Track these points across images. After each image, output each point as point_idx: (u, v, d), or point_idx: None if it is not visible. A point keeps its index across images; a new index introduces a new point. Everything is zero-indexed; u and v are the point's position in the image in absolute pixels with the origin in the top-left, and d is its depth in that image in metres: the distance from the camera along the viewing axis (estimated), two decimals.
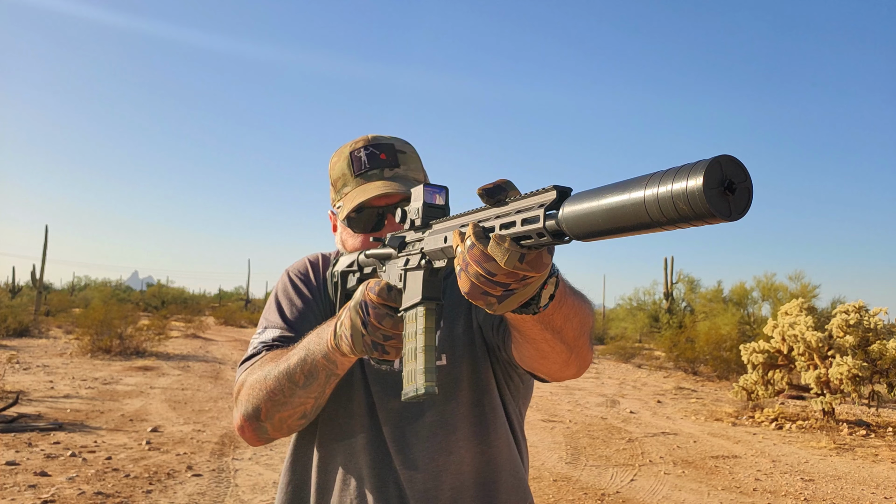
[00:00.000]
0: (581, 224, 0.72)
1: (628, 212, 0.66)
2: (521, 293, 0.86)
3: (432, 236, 1.05)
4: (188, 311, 32.02)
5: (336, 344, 1.14)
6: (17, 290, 29.94)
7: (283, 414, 1.24)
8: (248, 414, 1.26)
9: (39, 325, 20.71)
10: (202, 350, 17.40)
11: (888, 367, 8.42)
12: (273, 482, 5.47)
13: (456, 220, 1.00)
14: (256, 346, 1.37)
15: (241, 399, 1.28)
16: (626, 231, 0.68)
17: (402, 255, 1.14)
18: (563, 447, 7.17)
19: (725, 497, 5.53)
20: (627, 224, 0.67)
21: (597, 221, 0.70)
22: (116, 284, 53.08)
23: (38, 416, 7.48)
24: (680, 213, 0.61)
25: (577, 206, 0.73)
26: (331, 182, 1.42)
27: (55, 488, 4.96)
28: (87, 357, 14.04)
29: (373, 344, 1.09)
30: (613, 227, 0.69)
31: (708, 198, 0.59)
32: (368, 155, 1.36)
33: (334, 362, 1.17)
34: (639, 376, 14.99)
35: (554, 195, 0.78)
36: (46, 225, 24.61)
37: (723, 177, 0.60)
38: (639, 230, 0.67)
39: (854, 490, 5.82)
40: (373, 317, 1.08)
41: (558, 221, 0.75)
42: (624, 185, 0.68)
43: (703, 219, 0.60)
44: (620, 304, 26.59)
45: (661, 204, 0.62)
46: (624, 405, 10.39)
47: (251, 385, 1.26)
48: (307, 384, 1.20)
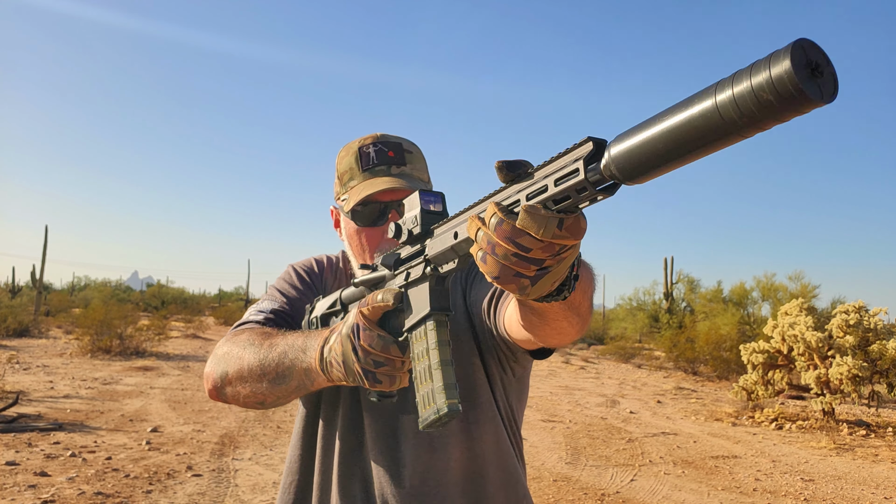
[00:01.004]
0: (636, 158, 0.65)
1: (698, 125, 0.59)
2: (555, 270, 0.78)
3: (438, 237, 0.97)
4: (188, 311, 32.04)
5: (323, 368, 1.10)
6: (17, 290, 29.94)
7: (242, 390, 1.25)
8: (217, 373, 1.29)
9: (39, 325, 20.70)
10: (202, 350, 17.40)
11: (888, 367, 8.42)
12: (273, 482, 5.46)
13: (467, 212, 0.91)
14: (253, 312, 1.39)
15: (217, 355, 1.31)
16: (695, 150, 0.61)
17: (400, 271, 1.06)
18: (563, 447, 7.17)
19: (725, 497, 5.53)
20: (697, 140, 0.60)
21: (657, 148, 0.63)
22: (116, 284, 53.04)
23: (38, 416, 7.48)
24: (765, 105, 0.55)
25: (630, 140, 0.65)
26: (337, 175, 1.43)
27: (55, 488, 4.96)
28: (86, 357, 14.04)
29: (364, 372, 1.03)
30: (679, 148, 0.61)
31: (800, 79, 0.52)
32: (377, 151, 1.37)
33: (312, 380, 1.15)
34: (639, 376, 14.99)
35: (590, 146, 0.70)
36: (46, 225, 24.63)
37: (808, 59, 0.54)
38: (710, 146, 0.60)
39: (854, 490, 5.82)
40: (363, 340, 1.02)
41: (605, 167, 0.68)
42: (686, 101, 0.61)
43: (794, 107, 0.54)
44: (620, 304, 26.59)
45: (740, 102, 0.56)
46: (624, 405, 10.39)
47: (229, 349, 1.28)
48: (275, 382, 1.20)
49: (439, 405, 0.93)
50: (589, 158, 0.70)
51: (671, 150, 0.62)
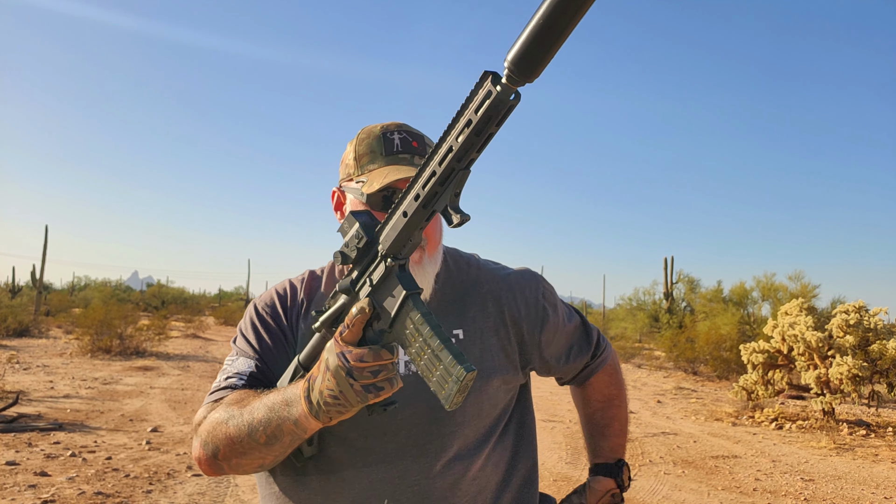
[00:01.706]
0: (531, 46, 0.78)
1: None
2: None
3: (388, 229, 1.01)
4: (188, 311, 32.04)
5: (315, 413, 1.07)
6: (17, 290, 29.94)
7: (240, 461, 1.22)
8: (207, 451, 1.25)
9: (39, 325, 20.71)
10: (202, 350, 17.40)
11: (888, 367, 8.42)
12: None
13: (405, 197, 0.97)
14: (229, 374, 1.34)
15: (201, 433, 1.27)
16: (567, 16, 0.76)
17: (361, 283, 1.07)
18: (563, 447, 7.17)
19: (725, 497, 5.53)
20: (566, 8, 0.75)
21: (540, 33, 0.77)
22: (116, 284, 53.00)
23: (38, 416, 7.48)
24: None
25: (519, 41, 0.79)
26: (355, 156, 1.38)
27: (55, 488, 4.96)
28: (87, 357, 14.04)
29: (365, 389, 1.01)
30: (556, 20, 0.76)
31: None
32: (402, 139, 1.36)
33: (304, 429, 1.12)
34: (639, 376, 14.99)
35: (489, 75, 0.83)
36: (46, 225, 24.65)
37: None
38: (576, 9, 0.76)
39: (854, 490, 5.82)
40: (352, 360, 1.01)
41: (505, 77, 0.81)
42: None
43: None
44: (620, 304, 26.60)
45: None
46: None
47: (213, 424, 1.24)
48: (268, 444, 1.17)
49: (456, 375, 0.94)
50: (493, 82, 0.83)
51: (550, 30, 0.77)
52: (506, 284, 1.45)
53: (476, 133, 0.85)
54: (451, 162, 0.88)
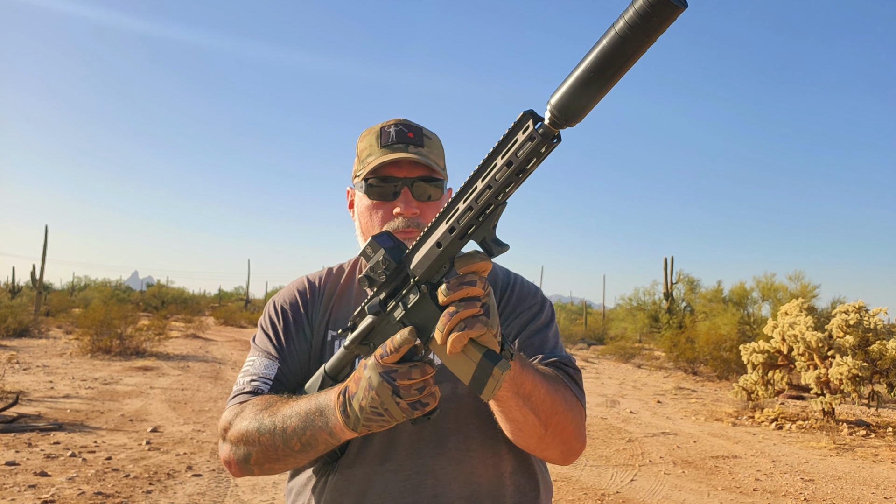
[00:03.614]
0: (574, 97, 0.81)
1: (611, 50, 0.78)
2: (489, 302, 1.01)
3: (421, 258, 1.01)
4: (188, 312, 32.03)
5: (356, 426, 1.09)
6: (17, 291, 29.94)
7: (273, 465, 1.25)
8: (238, 456, 1.26)
9: (39, 325, 20.71)
10: (202, 350, 17.40)
11: (888, 367, 8.42)
12: (273, 482, 5.46)
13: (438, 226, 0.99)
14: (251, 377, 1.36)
15: (230, 439, 1.28)
16: (615, 71, 0.79)
17: (392, 304, 1.09)
18: None
19: (725, 497, 5.53)
20: (613, 61, 0.78)
21: (586, 84, 0.80)
22: (116, 284, 53.01)
23: (38, 416, 7.48)
24: (648, 21, 0.74)
25: (563, 88, 0.82)
26: (357, 153, 1.47)
27: (55, 488, 4.96)
28: (86, 357, 14.04)
29: (411, 405, 1.04)
30: (603, 74, 0.79)
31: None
32: (397, 131, 1.42)
33: (339, 439, 1.15)
34: (639, 376, 14.99)
35: (530, 117, 0.86)
36: (46, 225, 24.63)
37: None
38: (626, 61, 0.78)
39: (854, 490, 5.82)
40: (399, 379, 1.03)
41: (548, 121, 0.84)
42: (594, 45, 0.80)
43: (668, 13, 0.74)
44: (620, 304, 26.59)
45: (630, 24, 0.75)
46: (624, 405, 10.39)
47: (242, 432, 1.25)
48: (303, 451, 1.19)
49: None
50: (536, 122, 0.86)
51: (597, 79, 0.80)
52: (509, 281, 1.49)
53: (517, 173, 0.88)
54: (490, 198, 0.91)
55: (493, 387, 1.00)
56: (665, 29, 0.76)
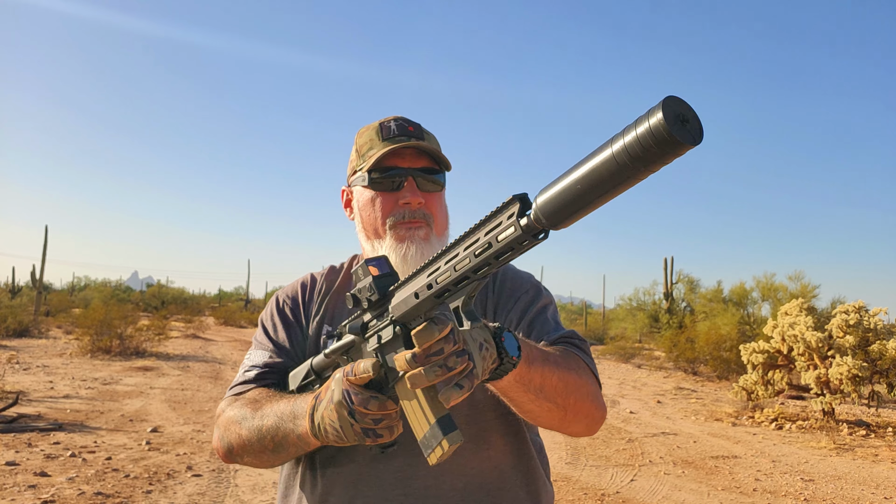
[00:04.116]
0: (558, 205, 0.76)
1: (602, 171, 0.71)
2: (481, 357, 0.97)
3: (399, 300, 1.02)
4: (188, 312, 32.04)
5: (315, 433, 1.13)
6: (17, 291, 29.94)
7: (252, 459, 1.31)
8: (224, 444, 1.33)
9: (39, 325, 20.70)
10: (202, 350, 17.40)
11: (888, 367, 8.42)
12: (273, 482, 5.47)
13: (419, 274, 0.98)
14: (247, 367, 1.41)
15: (219, 426, 1.35)
16: (603, 194, 0.73)
17: (370, 334, 1.11)
18: (563, 447, 7.17)
19: (725, 497, 5.53)
20: (603, 184, 0.72)
21: (573, 197, 0.74)
22: (116, 284, 53.02)
23: (38, 417, 7.48)
24: (649, 153, 0.67)
25: (550, 191, 0.77)
26: (355, 149, 1.46)
27: (55, 488, 4.96)
28: (86, 357, 14.04)
29: (364, 431, 1.06)
30: (590, 194, 0.73)
31: (673, 130, 0.65)
32: (398, 125, 1.42)
33: (307, 443, 1.19)
34: (639, 376, 14.99)
35: (517, 204, 0.81)
36: (46, 225, 24.62)
37: (677, 111, 0.67)
38: (616, 187, 0.72)
39: (854, 490, 5.82)
40: (357, 403, 1.05)
41: (533, 219, 0.78)
42: (589, 155, 0.73)
43: (670, 149, 0.66)
44: (620, 304, 26.58)
45: (630, 151, 0.68)
46: (624, 405, 10.39)
47: (228, 422, 1.32)
48: (276, 451, 1.25)
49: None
50: (520, 213, 0.81)
51: (584, 194, 0.74)
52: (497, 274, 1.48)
53: (495, 257, 0.85)
54: (467, 271, 0.89)
55: (440, 455, 1.00)
56: (669, 162, 0.69)
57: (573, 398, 1.19)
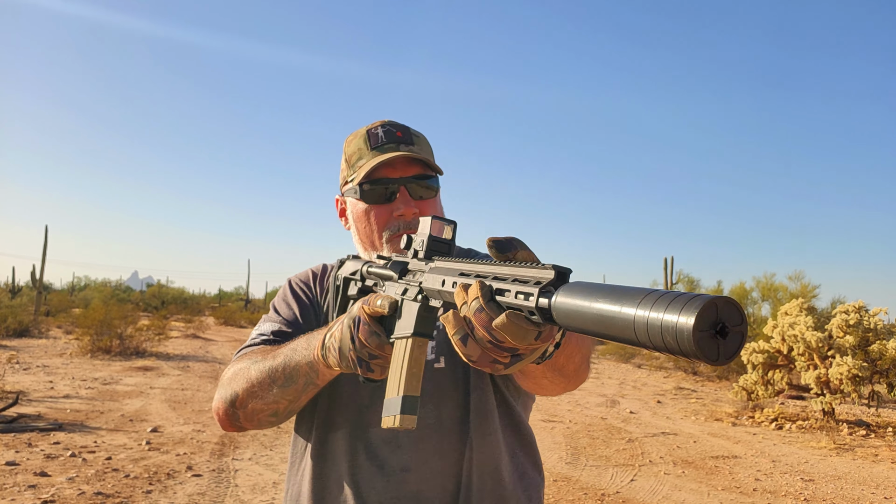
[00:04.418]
0: (570, 318, 0.70)
1: (617, 324, 0.64)
2: (528, 358, 0.83)
3: (432, 274, 1.02)
4: (188, 312, 32.05)
5: (323, 355, 1.14)
6: (17, 291, 29.95)
7: (255, 405, 1.27)
8: (226, 398, 1.30)
9: (39, 325, 20.71)
10: (202, 350, 17.40)
11: (888, 367, 8.42)
12: (273, 482, 5.47)
13: (456, 264, 0.97)
14: (254, 336, 1.42)
15: (223, 383, 1.33)
16: (612, 339, 0.67)
17: (402, 282, 1.12)
18: (563, 447, 7.17)
19: (725, 497, 5.53)
20: (613, 334, 0.65)
21: (585, 321, 0.68)
22: (116, 284, 53.06)
23: (38, 417, 7.48)
24: (666, 344, 0.59)
25: (570, 299, 0.70)
26: (344, 159, 1.43)
27: (55, 488, 4.96)
28: (86, 357, 14.05)
29: (357, 360, 1.07)
30: (599, 332, 0.67)
31: (696, 340, 0.56)
32: (385, 132, 1.39)
33: (316, 371, 1.18)
34: (639, 376, 14.99)
35: (552, 275, 0.75)
36: (46, 225, 24.62)
37: (716, 319, 0.57)
38: (625, 342, 0.65)
39: (854, 490, 5.82)
40: (361, 333, 1.07)
41: (550, 307, 0.73)
42: (619, 294, 0.65)
43: (687, 356, 0.58)
44: None
45: (650, 329, 0.60)
46: (624, 405, 10.39)
47: (235, 372, 1.30)
48: (285, 385, 1.22)
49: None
50: (547, 285, 0.74)
51: (596, 329, 0.67)
52: None
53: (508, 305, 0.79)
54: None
55: (390, 425, 1.02)
56: (689, 359, 0.61)
57: (581, 369, 1.18)
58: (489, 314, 0.78)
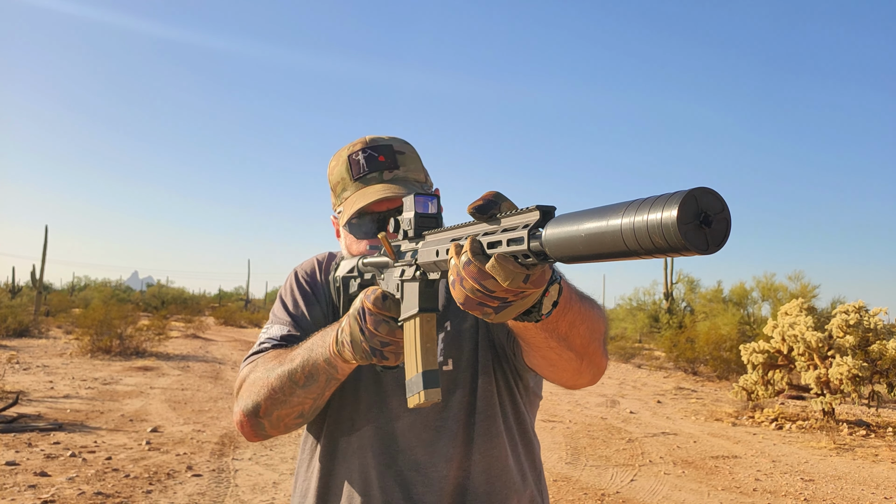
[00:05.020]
0: (562, 247, 0.72)
1: (606, 239, 0.65)
2: (518, 304, 0.85)
3: (425, 248, 1.05)
4: (188, 312, 32.04)
5: (338, 350, 1.15)
6: (17, 290, 29.94)
7: (281, 412, 1.25)
8: (248, 410, 1.27)
9: (39, 325, 20.71)
10: (202, 350, 17.40)
11: (888, 367, 8.42)
12: (273, 482, 5.46)
13: (446, 233, 1.00)
14: (263, 340, 1.39)
15: (241, 394, 1.30)
16: (606, 257, 0.67)
17: (399, 265, 1.14)
18: (563, 447, 7.17)
19: (725, 497, 5.53)
20: (605, 251, 0.66)
21: (576, 246, 0.70)
22: (116, 284, 53.07)
23: (38, 416, 7.48)
24: (655, 244, 0.60)
25: (558, 229, 0.72)
26: (330, 187, 1.41)
27: (55, 488, 4.96)
28: (86, 357, 14.04)
29: (371, 350, 1.09)
30: (592, 252, 0.68)
31: (682, 232, 0.58)
32: (367, 158, 1.34)
33: (335, 367, 1.18)
34: (639, 376, 14.99)
35: (537, 216, 0.77)
36: (46, 225, 24.63)
37: (698, 210, 0.59)
38: (618, 257, 0.66)
39: (854, 490, 5.82)
40: (370, 323, 1.08)
41: (542, 243, 0.75)
42: (603, 211, 0.67)
43: (678, 251, 0.59)
44: (620, 304, 26.60)
45: (637, 234, 0.61)
46: (624, 405, 10.39)
47: (252, 381, 1.27)
48: (307, 384, 1.21)
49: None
50: (534, 226, 0.77)
51: (588, 251, 0.69)
52: None
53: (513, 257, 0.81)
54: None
55: (416, 403, 1.05)
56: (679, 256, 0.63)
57: (593, 346, 1.14)
58: (477, 264, 0.82)
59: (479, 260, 0.82)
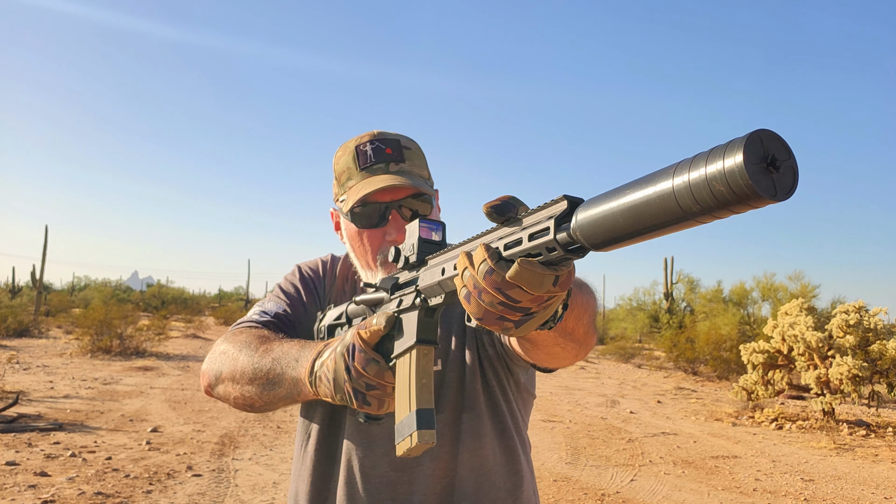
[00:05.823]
0: (598, 229, 0.64)
1: (655, 206, 0.58)
2: (541, 315, 0.78)
3: (428, 271, 0.98)
4: (188, 312, 32.08)
5: (311, 381, 1.11)
6: (17, 290, 29.95)
7: (233, 391, 1.28)
8: (212, 371, 1.33)
9: (39, 325, 20.71)
10: (202, 350, 17.40)
11: (888, 367, 8.42)
12: (273, 482, 5.46)
13: (454, 249, 0.93)
14: (257, 311, 1.42)
15: (214, 353, 1.35)
16: (653, 230, 0.60)
17: (395, 296, 1.08)
18: (563, 447, 7.17)
19: (725, 497, 5.53)
20: (655, 221, 0.59)
21: (617, 224, 0.62)
22: (116, 284, 53.04)
23: (38, 416, 7.48)
24: (718, 197, 0.53)
25: (593, 209, 0.65)
26: (335, 176, 1.41)
27: (55, 488, 4.96)
28: (87, 357, 14.05)
29: (354, 392, 1.03)
30: (638, 227, 0.61)
31: (751, 174, 0.51)
32: (374, 149, 1.35)
33: (299, 391, 1.17)
34: (639, 376, 14.99)
35: (565, 205, 0.70)
36: (46, 225, 24.64)
37: (765, 153, 0.53)
38: (668, 227, 0.59)
39: (854, 490, 5.82)
40: (358, 361, 1.02)
41: (571, 232, 0.68)
42: (647, 178, 0.60)
43: (746, 201, 0.53)
44: (620, 304, 26.59)
45: (695, 190, 0.55)
46: (624, 405, 10.39)
47: (226, 349, 1.31)
48: (265, 388, 1.22)
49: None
50: (561, 216, 0.70)
51: (630, 227, 0.62)
52: None
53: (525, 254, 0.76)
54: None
55: (407, 447, 0.97)
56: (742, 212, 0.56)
57: (590, 334, 1.11)
58: (500, 273, 0.74)
59: (501, 267, 0.75)
